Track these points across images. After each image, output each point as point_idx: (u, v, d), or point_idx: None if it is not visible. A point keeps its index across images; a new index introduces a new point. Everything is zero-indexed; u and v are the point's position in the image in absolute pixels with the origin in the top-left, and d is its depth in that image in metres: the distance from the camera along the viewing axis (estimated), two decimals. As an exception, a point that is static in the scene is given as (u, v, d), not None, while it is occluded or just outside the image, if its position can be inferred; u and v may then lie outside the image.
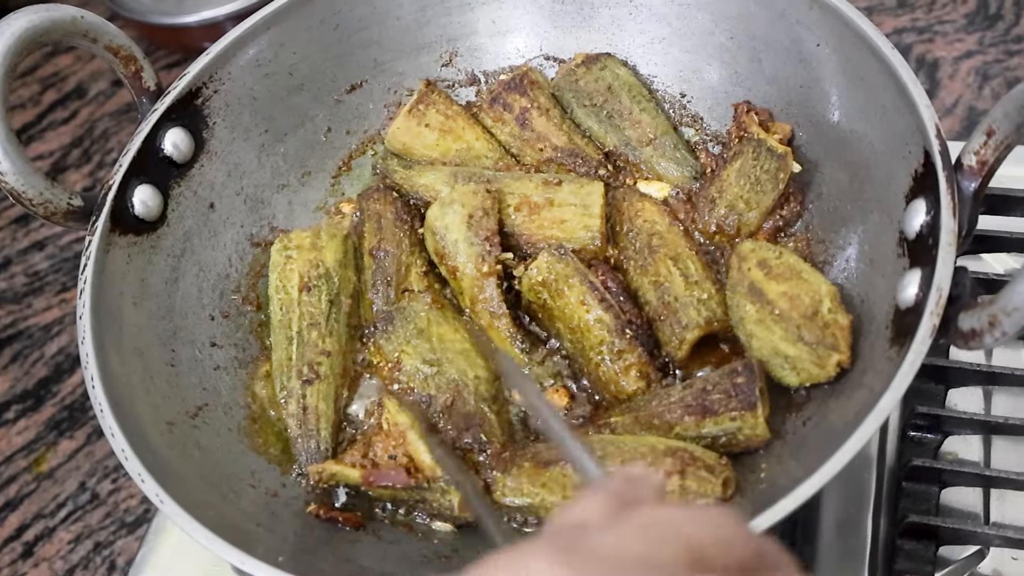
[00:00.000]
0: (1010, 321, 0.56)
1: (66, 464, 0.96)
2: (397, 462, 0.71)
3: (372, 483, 0.71)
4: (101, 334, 0.71)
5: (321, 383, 0.77)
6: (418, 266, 0.83)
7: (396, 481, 0.70)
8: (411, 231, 0.85)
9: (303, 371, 0.77)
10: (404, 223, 0.85)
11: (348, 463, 0.71)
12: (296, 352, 0.78)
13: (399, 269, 0.83)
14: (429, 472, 0.70)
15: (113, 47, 0.78)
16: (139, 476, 0.64)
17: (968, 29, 1.14)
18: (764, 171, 0.79)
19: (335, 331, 0.79)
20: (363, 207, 0.86)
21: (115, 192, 0.76)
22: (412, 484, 0.70)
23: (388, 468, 0.71)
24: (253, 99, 0.86)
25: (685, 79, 0.88)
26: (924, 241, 0.65)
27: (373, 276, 0.83)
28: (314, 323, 0.79)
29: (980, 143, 0.64)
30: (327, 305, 0.80)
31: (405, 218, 0.85)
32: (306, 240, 0.82)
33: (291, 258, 0.81)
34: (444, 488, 0.70)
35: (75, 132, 1.22)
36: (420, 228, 0.85)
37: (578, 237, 0.81)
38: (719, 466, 0.67)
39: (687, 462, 0.66)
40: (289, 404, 0.77)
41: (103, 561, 0.90)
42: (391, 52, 0.91)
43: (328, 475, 0.72)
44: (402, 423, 0.72)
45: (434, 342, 0.78)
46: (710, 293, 0.76)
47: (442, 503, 0.70)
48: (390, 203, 0.86)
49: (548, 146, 0.87)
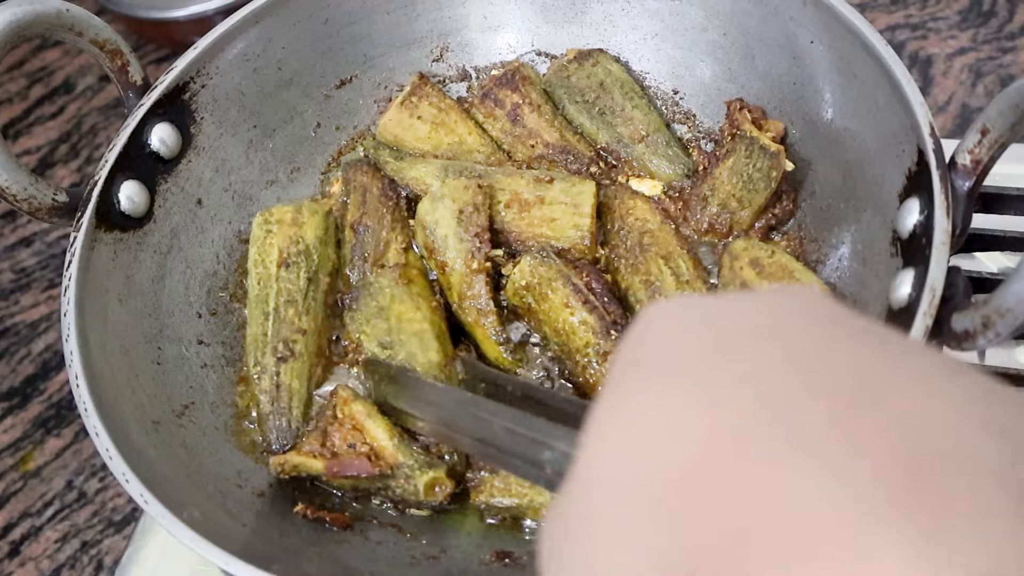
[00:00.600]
0: (1004, 322, 0.56)
1: (53, 462, 0.95)
2: (357, 451, 0.71)
3: (336, 474, 0.70)
4: (85, 332, 0.70)
5: (296, 361, 0.77)
6: (398, 242, 0.82)
7: (360, 470, 0.69)
8: (395, 207, 0.84)
9: (278, 348, 0.77)
10: (389, 199, 0.84)
11: (308, 453, 0.71)
12: (272, 328, 0.77)
13: (378, 245, 0.82)
14: (391, 459, 0.69)
15: (99, 41, 0.77)
16: (123, 476, 0.63)
17: (961, 26, 1.13)
18: (757, 169, 0.78)
19: (312, 309, 0.79)
20: (349, 177, 0.86)
21: (101, 188, 0.75)
22: (376, 472, 0.69)
23: (350, 457, 0.70)
24: (241, 94, 0.85)
25: (678, 76, 0.88)
26: (917, 240, 0.65)
27: (352, 251, 0.82)
28: (291, 300, 0.78)
29: (974, 142, 0.63)
30: (305, 283, 0.79)
31: (390, 194, 0.85)
32: (287, 215, 0.81)
33: (271, 232, 0.81)
34: (408, 474, 0.70)
35: (63, 127, 1.21)
36: (405, 204, 0.84)
37: (568, 236, 0.81)
38: None
39: None
40: (262, 380, 0.76)
41: (90, 560, 0.89)
42: (381, 47, 0.91)
43: (291, 466, 0.71)
44: (358, 412, 0.71)
45: (392, 322, 0.78)
46: (701, 293, 0.75)
47: (406, 489, 0.70)
48: (377, 178, 0.85)
49: (539, 142, 0.86)
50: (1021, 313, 0.55)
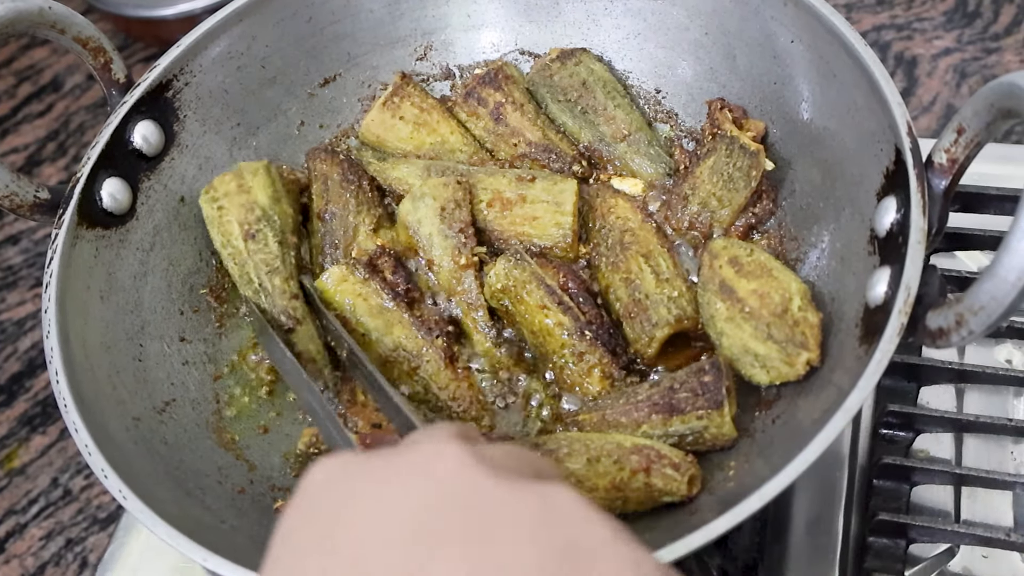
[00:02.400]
0: (976, 320, 0.56)
1: (38, 460, 0.95)
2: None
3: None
4: (67, 328, 0.70)
5: (303, 326, 0.77)
6: (366, 224, 0.83)
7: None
8: (358, 190, 0.84)
9: (282, 321, 0.77)
10: (351, 183, 0.84)
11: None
12: (267, 303, 0.77)
13: (347, 231, 0.82)
14: None
15: (82, 38, 0.77)
16: (102, 472, 0.64)
17: (947, 27, 1.14)
18: (737, 168, 0.79)
19: (295, 272, 0.79)
20: (311, 167, 0.86)
21: (83, 185, 0.75)
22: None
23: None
24: (225, 92, 0.85)
25: (660, 75, 0.88)
26: (894, 239, 0.65)
27: (323, 240, 0.82)
28: (273, 269, 0.78)
29: (950, 141, 0.64)
30: (277, 247, 0.79)
31: (351, 178, 0.84)
32: (231, 184, 0.80)
33: (223, 208, 0.79)
34: None
35: (50, 125, 1.21)
36: (369, 186, 0.85)
37: (550, 234, 0.81)
38: (684, 463, 0.66)
39: (652, 459, 0.66)
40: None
41: (75, 558, 0.89)
42: (365, 45, 0.91)
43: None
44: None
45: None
46: (681, 291, 0.76)
47: None
48: (336, 163, 0.85)
49: (522, 141, 0.87)
50: (993, 311, 0.55)
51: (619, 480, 0.66)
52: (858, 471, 0.78)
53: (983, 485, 0.76)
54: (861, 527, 0.76)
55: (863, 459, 0.78)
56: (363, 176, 0.85)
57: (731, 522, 0.58)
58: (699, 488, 0.67)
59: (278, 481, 0.74)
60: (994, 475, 0.75)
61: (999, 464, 0.78)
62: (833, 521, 0.75)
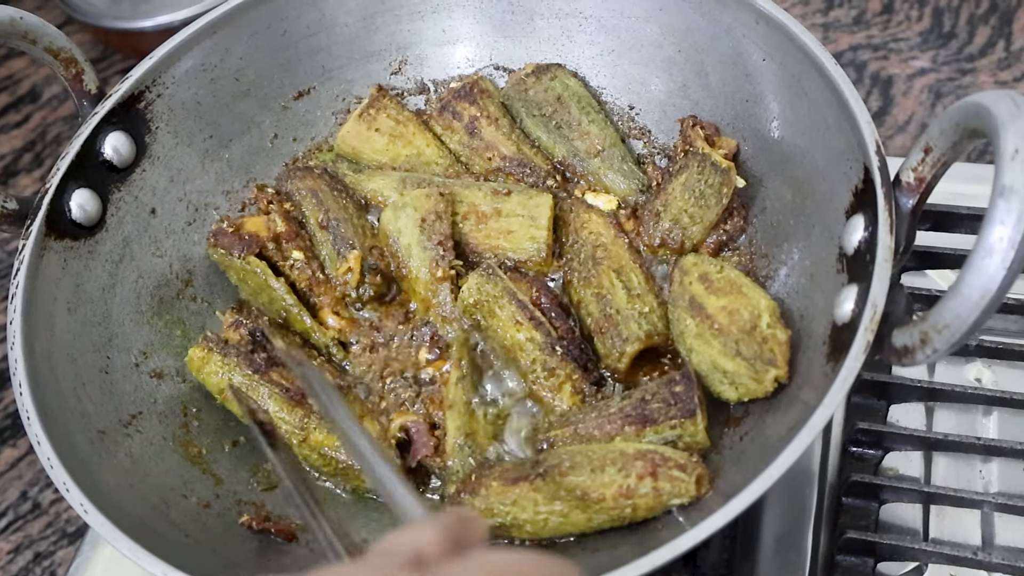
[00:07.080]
0: (940, 338, 0.56)
1: (8, 473, 0.95)
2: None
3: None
4: (31, 340, 0.70)
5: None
6: (367, 225, 0.84)
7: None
8: (348, 198, 0.85)
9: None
10: (340, 192, 0.85)
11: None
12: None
13: (357, 231, 0.83)
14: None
15: (53, 49, 0.77)
16: (63, 485, 0.63)
17: (922, 47, 1.14)
18: (708, 185, 0.79)
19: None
20: (293, 188, 0.86)
21: (51, 196, 0.75)
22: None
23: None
24: (198, 104, 0.85)
25: (634, 91, 0.88)
26: (862, 257, 0.65)
27: (334, 245, 0.82)
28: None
29: (918, 160, 0.64)
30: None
31: (339, 187, 0.86)
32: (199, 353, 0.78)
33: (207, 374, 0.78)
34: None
35: (27, 136, 1.21)
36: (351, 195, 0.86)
37: (524, 248, 0.81)
38: (691, 464, 0.66)
39: (658, 463, 0.66)
40: None
41: (43, 572, 0.89)
42: (340, 59, 0.91)
43: None
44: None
45: None
46: (652, 306, 0.76)
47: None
48: (318, 177, 0.86)
49: (497, 155, 0.87)
50: (957, 330, 0.56)
51: (626, 487, 0.65)
52: (827, 488, 0.78)
53: (952, 504, 0.76)
54: (830, 544, 0.75)
55: (832, 476, 0.78)
56: (344, 186, 0.86)
57: (697, 538, 0.58)
58: (708, 487, 0.66)
59: (244, 495, 0.74)
60: (963, 494, 0.75)
61: (968, 483, 0.78)
62: (802, 538, 0.75)
